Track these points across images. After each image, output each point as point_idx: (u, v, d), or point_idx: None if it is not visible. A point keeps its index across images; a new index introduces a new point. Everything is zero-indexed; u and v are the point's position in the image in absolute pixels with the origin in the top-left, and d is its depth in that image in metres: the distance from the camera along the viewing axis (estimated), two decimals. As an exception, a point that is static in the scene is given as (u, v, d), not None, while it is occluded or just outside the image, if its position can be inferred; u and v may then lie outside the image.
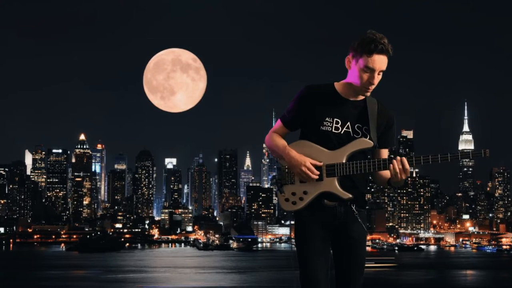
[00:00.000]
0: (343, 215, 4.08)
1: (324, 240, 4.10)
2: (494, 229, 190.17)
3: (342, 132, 4.03)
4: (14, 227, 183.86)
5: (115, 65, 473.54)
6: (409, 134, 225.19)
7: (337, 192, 4.01)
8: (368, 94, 4.03)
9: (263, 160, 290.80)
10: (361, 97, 4.08)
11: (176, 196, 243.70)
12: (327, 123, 4.03)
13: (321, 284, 4.07)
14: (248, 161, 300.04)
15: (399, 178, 3.96)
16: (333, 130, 4.03)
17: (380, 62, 3.89)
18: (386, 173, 4.13)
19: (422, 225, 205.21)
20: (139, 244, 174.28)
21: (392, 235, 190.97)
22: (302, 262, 4.10)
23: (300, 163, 4.02)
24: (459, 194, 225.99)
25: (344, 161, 4.01)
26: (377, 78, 3.95)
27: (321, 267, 4.07)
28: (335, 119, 4.03)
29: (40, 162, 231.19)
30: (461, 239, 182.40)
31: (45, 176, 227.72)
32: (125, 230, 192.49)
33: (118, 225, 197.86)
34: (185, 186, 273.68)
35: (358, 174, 4.04)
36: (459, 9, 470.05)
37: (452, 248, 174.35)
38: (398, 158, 3.96)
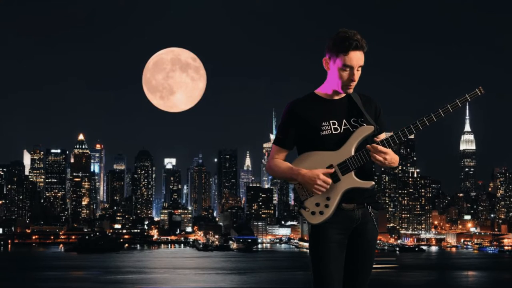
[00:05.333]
0: (360, 218, 4.14)
1: (340, 245, 4.12)
2: (496, 229, 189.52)
3: (342, 131, 4.09)
4: (13, 228, 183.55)
5: (115, 64, 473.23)
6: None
7: (358, 185, 4.06)
8: (351, 91, 4.09)
9: (263, 160, 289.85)
10: (343, 94, 4.15)
11: (175, 197, 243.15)
12: (325, 128, 4.08)
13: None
14: (248, 161, 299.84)
15: (386, 164, 4.04)
16: (333, 132, 4.08)
17: (357, 58, 3.98)
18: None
19: (423, 226, 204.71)
20: (138, 245, 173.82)
21: (393, 235, 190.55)
22: (317, 268, 4.11)
23: (314, 177, 4.03)
24: (461, 195, 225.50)
25: (353, 154, 4.07)
26: (357, 74, 4.03)
27: (335, 273, 4.10)
28: (331, 121, 4.09)
29: (38, 162, 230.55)
30: (462, 240, 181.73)
31: (43, 176, 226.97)
32: (124, 231, 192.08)
33: (117, 226, 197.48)
34: (185, 187, 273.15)
35: (368, 164, 4.10)
36: (459, 9, 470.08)
37: (454, 249, 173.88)
38: (368, 146, 4.01)
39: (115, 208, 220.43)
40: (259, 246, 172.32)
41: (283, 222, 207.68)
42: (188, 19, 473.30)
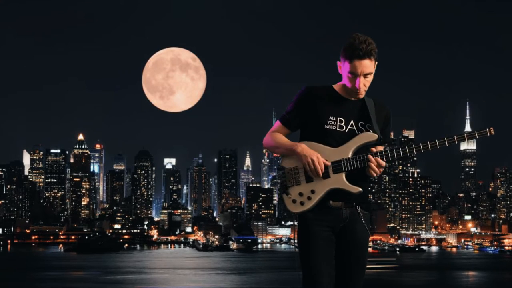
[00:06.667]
0: (348, 217, 4.12)
1: (328, 242, 4.11)
2: (496, 229, 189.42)
3: (347, 131, 4.10)
4: (12, 228, 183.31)
5: (114, 64, 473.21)
6: (411, 134, 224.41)
7: (346, 187, 4.03)
8: (360, 96, 4.13)
9: (263, 160, 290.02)
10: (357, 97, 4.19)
11: (175, 197, 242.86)
12: (331, 122, 4.09)
13: (325, 286, 4.09)
14: (248, 161, 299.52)
15: (375, 175, 4.06)
16: (337, 129, 4.09)
17: (361, 66, 3.99)
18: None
19: (423, 226, 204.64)
20: (138, 245, 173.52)
21: (394, 236, 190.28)
22: (306, 264, 4.10)
23: (313, 153, 4.04)
24: (461, 195, 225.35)
25: (350, 156, 4.05)
26: (364, 81, 4.04)
27: (325, 269, 4.08)
28: (338, 118, 4.10)
29: (38, 162, 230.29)
30: (463, 240, 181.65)
31: (43, 177, 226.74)
32: (124, 231, 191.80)
33: (117, 226, 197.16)
34: (185, 187, 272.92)
35: (363, 170, 4.07)
36: (459, 9, 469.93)
37: (454, 249, 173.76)
38: (370, 157, 4.02)
39: (114, 208, 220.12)
40: (259, 246, 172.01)
41: (283, 222, 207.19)
42: (188, 19, 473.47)
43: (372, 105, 4.14)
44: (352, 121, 4.09)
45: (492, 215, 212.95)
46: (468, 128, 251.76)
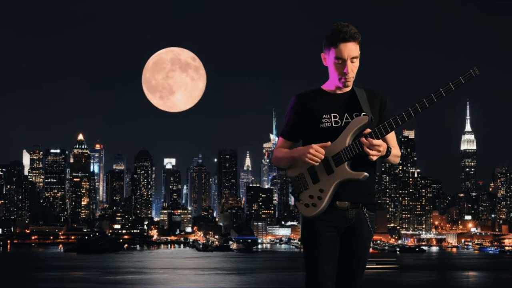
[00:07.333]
0: (354, 218, 4.12)
1: (332, 242, 4.13)
2: (497, 230, 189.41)
3: (342, 125, 4.09)
4: (12, 228, 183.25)
5: (114, 64, 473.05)
6: (411, 134, 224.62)
7: (351, 176, 4.01)
8: (349, 84, 4.12)
9: (263, 160, 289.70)
10: (347, 89, 4.17)
11: (175, 197, 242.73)
12: (325, 120, 4.10)
13: (328, 287, 4.12)
14: (248, 161, 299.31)
15: (374, 158, 4.00)
16: (333, 125, 4.10)
17: (347, 49, 4.00)
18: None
19: (423, 226, 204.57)
20: (138, 245, 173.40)
21: (394, 236, 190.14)
22: (310, 265, 4.13)
23: (307, 148, 4.03)
24: (461, 195, 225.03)
25: (347, 145, 4.05)
26: (351, 65, 4.04)
27: (328, 270, 4.11)
28: (332, 114, 4.11)
29: (38, 162, 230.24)
30: (463, 240, 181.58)
31: (43, 177, 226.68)
32: (124, 231, 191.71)
33: (117, 226, 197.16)
34: (184, 187, 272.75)
35: (365, 157, 4.00)
36: (459, 9, 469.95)
37: (454, 249, 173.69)
38: (363, 139, 3.97)
39: (114, 208, 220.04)
40: (259, 246, 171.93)
41: (283, 222, 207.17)
42: (188, 19, 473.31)
43: (363, 94, 4.12)
44: (346, 114, 4.08)
45: (493, 215, 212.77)
46: (468, 128, 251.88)
